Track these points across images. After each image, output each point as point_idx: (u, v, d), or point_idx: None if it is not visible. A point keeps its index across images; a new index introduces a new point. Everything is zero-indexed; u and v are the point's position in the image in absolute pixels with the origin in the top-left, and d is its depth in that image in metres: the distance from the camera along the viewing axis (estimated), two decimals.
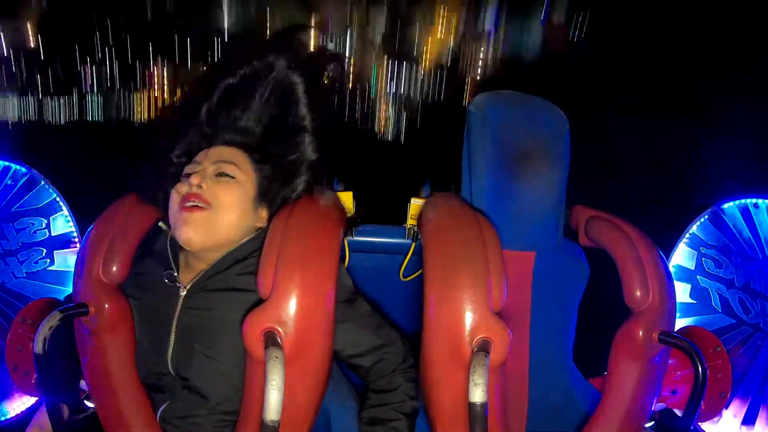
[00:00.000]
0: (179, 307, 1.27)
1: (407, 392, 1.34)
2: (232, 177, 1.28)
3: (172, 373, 1.27)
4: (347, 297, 1.31)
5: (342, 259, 1.68)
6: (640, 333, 1.40)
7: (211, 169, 1.29)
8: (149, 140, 1.38)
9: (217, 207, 1.25)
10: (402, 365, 1.37)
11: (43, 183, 2.05)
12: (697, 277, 1.98)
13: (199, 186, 1.24)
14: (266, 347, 1.10)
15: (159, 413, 1.29)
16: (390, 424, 1.30)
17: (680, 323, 1.91)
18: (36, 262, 2.04)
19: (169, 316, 1.27)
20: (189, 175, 1.28)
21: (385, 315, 1.40)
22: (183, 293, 1.28)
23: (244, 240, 1.31)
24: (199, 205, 1.23)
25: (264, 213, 1.34)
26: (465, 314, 1.19)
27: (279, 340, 1.11)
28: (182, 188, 1.26)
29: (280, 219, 1.27)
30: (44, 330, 1.22)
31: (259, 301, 1.18)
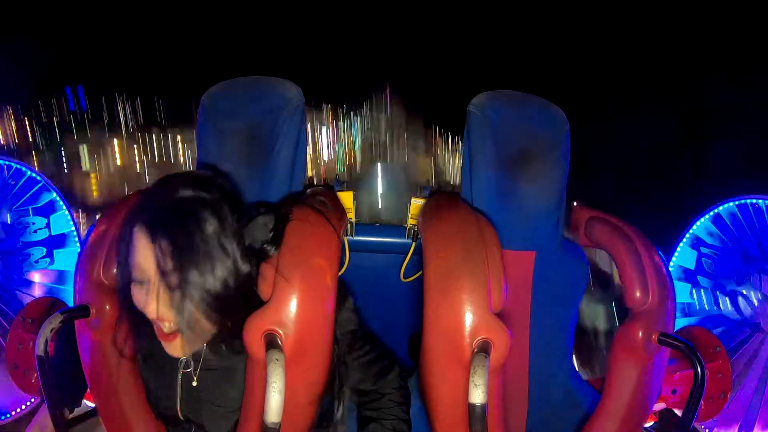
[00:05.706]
0: (182, 364, 1.24)
1: (395, 399, 1.35)
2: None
3: (183, 419, 1.27)
4: (349, 339, 1.28)
5: (342, 259, 1.68)
6: (640, 334, 1.40)
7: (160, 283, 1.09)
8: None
9: (190, 326, 1.11)
10: (392, 387, 1.37)
11: (43, 182, 2.05)
12: (697, 277, 1.99)
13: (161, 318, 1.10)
14: (267, 350, 1.10)
15: None
16: (385, 422, 1.32)
17: (680, 323, 1.91)
18: (36, 262, 2.04)
19: (174, 370, 1.24)
20: (140, 282, 1.11)
21: (384, 316, 1.40)
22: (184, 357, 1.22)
23: None
24: (173, 332, 1.11)
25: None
26: (465, 315, 1.19)
27: (279, 342, 1.11)
28: (141, 301, 1.11)
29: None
30: (46, 331, 1.22)
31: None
